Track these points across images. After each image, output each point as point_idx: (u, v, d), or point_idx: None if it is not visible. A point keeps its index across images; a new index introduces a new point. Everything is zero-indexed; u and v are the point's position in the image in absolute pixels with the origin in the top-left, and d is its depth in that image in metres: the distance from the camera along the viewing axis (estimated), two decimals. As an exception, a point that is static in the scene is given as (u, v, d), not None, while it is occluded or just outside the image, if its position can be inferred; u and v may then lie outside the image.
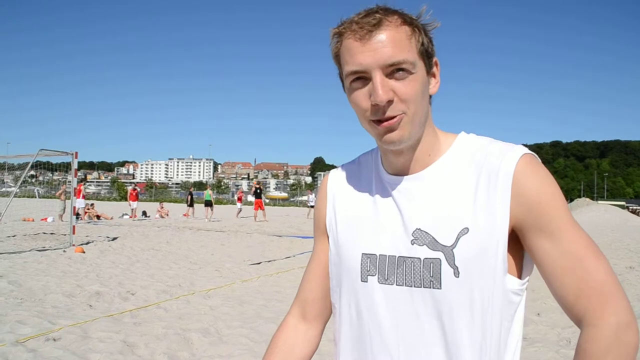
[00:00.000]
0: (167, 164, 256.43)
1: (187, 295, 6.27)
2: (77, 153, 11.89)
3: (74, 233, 11.46)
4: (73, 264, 8.48)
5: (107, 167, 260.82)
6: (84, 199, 20.98)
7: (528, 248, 0.92)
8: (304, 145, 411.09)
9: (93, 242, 11.96)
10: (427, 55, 0.92)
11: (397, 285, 0.93)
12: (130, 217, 23.89)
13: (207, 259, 9.77)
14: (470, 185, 0.92)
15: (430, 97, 0.96)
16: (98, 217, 21.56)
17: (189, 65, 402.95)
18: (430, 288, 0.90)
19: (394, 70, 0.87)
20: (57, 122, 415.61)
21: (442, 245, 0.90)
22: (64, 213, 18.68)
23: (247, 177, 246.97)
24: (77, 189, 20.90)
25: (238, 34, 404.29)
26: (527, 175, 0.89)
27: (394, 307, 0.93)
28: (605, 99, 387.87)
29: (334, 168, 1.16)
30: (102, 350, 4.04)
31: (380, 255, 0.96)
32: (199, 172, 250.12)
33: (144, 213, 25.58)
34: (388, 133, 0.90)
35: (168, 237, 13.87)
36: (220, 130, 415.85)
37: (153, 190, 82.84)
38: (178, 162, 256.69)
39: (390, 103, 0.88)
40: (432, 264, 0.90)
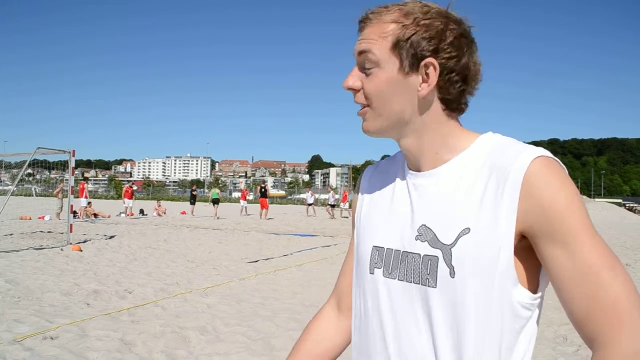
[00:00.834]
0: (164, 163, 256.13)
1: (184, 294, 6.27)
2: (74, 151, 11.87)
3: (72, 232, 11.45)
4: (71, 263, 8.47)
5: (104, 165, 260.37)
6: (87, 198, 20.95)
7: (541, 257, 0.85)
8: (302, 144, 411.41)
9: (91, 240, 11.94)
10: (410, 56, 0.89)
11: (398, 280, 0.93)
12: (127, 215, 23.84)
13: (204, 258, 9.76)
14: (480, 186, 0.88)
15: (444, 99, 0.92)
16: (95, 215, 21.52)
17: (187, 64, 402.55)
18: (427, 286, 0.89)
19: (364, 63, 0.92)
20: (54, 120, 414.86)
21: (442, 244, 0.88)
22: (62, 212, 18.67)
23: (244, 175, 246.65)
24: (81, 188, 20.93)
25: (236, 33, 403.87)
26: (539, 178, 0.83)
27: (395, 302, 0.93)
28: (603, 97, 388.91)
29: (332, 166, 1.16)
30: (99, 349, 4.03)
31: (388, 249, 0.96)
32: (197, 170, 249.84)
33: (142, 212, 25.54)
34: (363, 122, 0.96)
35: (166, 235, 13.86)
36: (218, 129, 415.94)
37: (151, 189, 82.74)
38: (176, 160, 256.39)
39: (355, 92, 0.94)
40: (430, 262, 0.88)
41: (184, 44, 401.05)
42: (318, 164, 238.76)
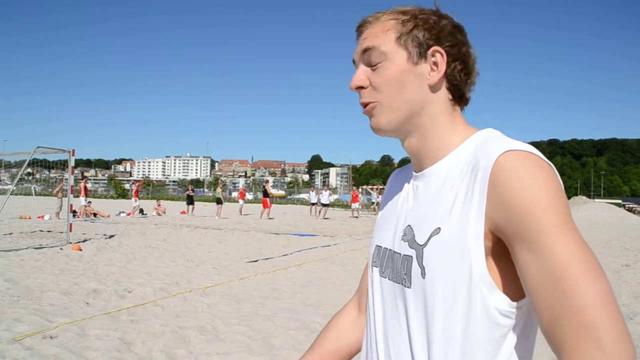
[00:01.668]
0: (164, 162, 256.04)
1: (184, 293, 6.27)
2: (74, 150, 11.87)
3: (71, 231, 11.45)
4: (70, 262, 8.46)
5: (104, 164, 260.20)
6: (87, 197, 20.95)
7: (513, 260, 0.79)
8: (301, 144, 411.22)
9: (90, 239, 11.93)
10: (416, 45, 0.91)
11: (388, 279, 0.96)
12: (128, 214, 23.85)
13: (204, 257, 9.76)
14: (456, 184, 0.86)
15: (451, 88, 0.92)
16: (95, 214, 21.52)
17: (186, 64, 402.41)
18: (403, 285, 0.90)
19: (370, 60, 0.92)
20: (54, 119, 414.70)
21: (417, 244, 0.88)
22: (61, 211, 18.66)
23: (244, 174, 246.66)
24: (81, 187, 20.93)
25: (235, 33, 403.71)
26: (506, 173, 0.77)
27: (385, 300, 0.96)
28: (603, 98, 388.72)
29: (332, 166, 1.17)
30: (99, 348, 4.03)
31: (384, 249, 1.00)
32: (196, 169, 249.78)
33: (141, 211, 25.53)
34: (370, 119, 0.95)
35: (165, 234, 13.86)
36: (218, 128, 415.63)
37: (150, 188, 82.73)
38: (175, 159, 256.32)
39: (363, 90, 0.94)
40: (406, 261, 0.89)
41: (184, 44, 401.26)
42: (317, 164, 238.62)
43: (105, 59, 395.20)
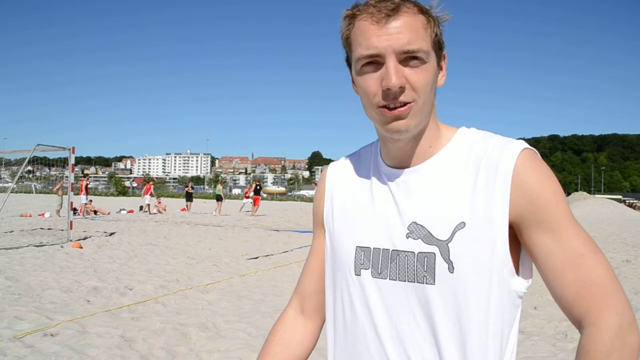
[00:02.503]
0: (164, 159, 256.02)
1: (184, 290, 6.27)
2: (74, 148, 11.85)
3: (72, 228, 11.44)
4: (70, 260, 8.47)
5: (104, 162, 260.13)
6: (87, 195, 20.94)
7: (526, 245, 0.88)
8: (302, 140, 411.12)
9: (90, 237, 11.94)
10: (438, 47, 0.92)
11: (390, 280, 0.91)
12: (129, 211, 23.87)
13: (204, 254, 9.76)
14: (469, 179, 0.89)
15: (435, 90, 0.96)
16: (95, 212, 21.53)
17: (186, 61, 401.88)
18: (424, 283, 0.88)
19: (408, 58, 0.86)
20: (54, 117, 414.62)
21: (437, 240, 0.87)
22: (61, 208, 18.65)
23: (244, 171, 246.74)
24: (82, 185, 20.93)
25: (235, 30, 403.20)
26: (527, 170, 0.86)
27: (388, 302, 0.91)
28: (603, 93, 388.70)
29: (333, 161, 1.15)
30: (100, 345, 4.03)
31: (375, 249, 0.94)
32: (197, 166, 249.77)
33: (141, 208, 25.53)
34: (396, 121, 0.88)
35: (166, 232, 13.86)
36: (218, 125, 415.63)
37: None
38: (175, 157, 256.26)
39: (402, 89, 0.86)
40: (426, 259, 0.87)
41: (183, 41, 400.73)
42: (318, 160, 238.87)
43: (105, 56, 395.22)
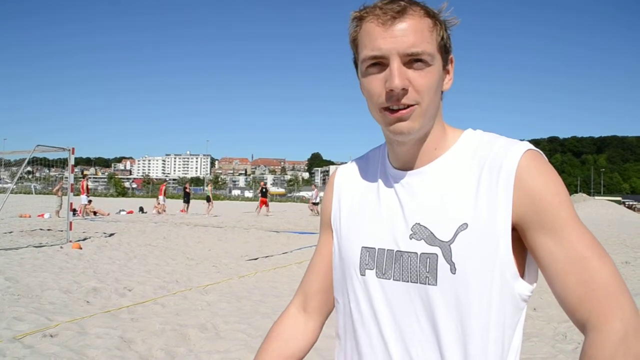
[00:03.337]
0: (164, 160, 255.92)
1: (184, 291, 6.27)
2: (73, 149, 11.84)
3: (71, 229, 11.44)
4: (70, 260, 8.46)
5: (104, 163, 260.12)
6: (87, 195, 20.95)
7: (530, 247, 0.88)
8: (301, 141, 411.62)
9: (90, 238, 11.93)
10: (445, 51, 0.92)
11: (394, 280, 0.92)
12: (129, 212, 23.87)
13: (204, 255, 9.76)
14: (472, 181, 0.90)
15: (442, 93, 0.96)
16: (95, 213, 21.52)
17: (186, 62, 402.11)
18: (426, 284, 0.88)
19: (412, 60, 0.87)
20: (54, 118, 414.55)
21: (439, 241, 0.88)
22: (61, 209, 18.64)
23: (244, 172, 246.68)
24: (82, 185, 20.92)
25: (235, 31, 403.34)
26: (530, 171, 0.86)
27: (391, 302, 0.92)
28: (603, 95, 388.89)
29: (332, 164, 1.15)
30: (99, 346, 4.03)
31: (379, 249, 0.95)
32: (196, 167, 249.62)
33: (141, 209, 25.53)
34: (398, 122, 0.89)
35: (165, 233, 13.84)
36: (218, 126, 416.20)
37: (150, 186, 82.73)
38: (175, 157, 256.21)
39: (405, 92, 0.87)
40: (428, 259, 0.88)
41: (183, 42, 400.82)
42: (318, 162, 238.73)
43: (105, 57, 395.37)
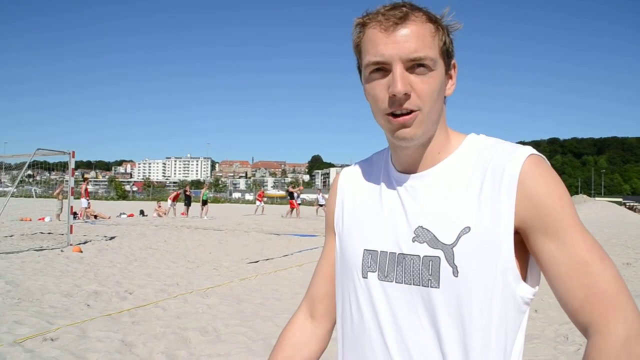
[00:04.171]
0: (164, 163, 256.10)
1: (185, 294, 6.26)
2: (74, 152, 11.85)
3: (72, 232, 11.43)
4: (71, 264, 8.45)
5: (104, 166, 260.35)
6: (88, 199, 20.97)
7: (532, 251, 0.89)
8: (302, 144, 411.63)
9: (91, 241, 11.93)
10: (447, 55, 0.93)
11: (396, 283, 0.92)
12: (129, 215, 23.91)
13: (205, 258, 9.76)
14: (475, 185, 0.91)
15: (445, 97, 0.96)
16: (95, 216, 21.51)
17: (186, 65, 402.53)
18: (428, 287, 0.89)
19: (415, 66, 0.88)
20: (54, 121, 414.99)
21: (442, 244, 0.88)
22: (62, 212, 18.64)
23: (244, 175, 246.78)
24: (83, 188, 20.94)
25: (235, 33, 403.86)
26: (533, 176, 0.87)
27: (393, 305, 0.92)
28: (603, 96, 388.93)
29: (332, 166, 1.15)
30: (100, 350, 4.03)
31: (381, 252, 0.95)
32: (197, 170, 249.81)
33: (142, 212, 25.53)
34: (401, 129, 0.90)
35: (166, 236, 13.84)
36: (218, 129, 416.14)
37: (150, 189, 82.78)
38: (176, 161, 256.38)
39: (408, 97, 0.87)
40: (431, 262, 0.89)
41: (183, 45, 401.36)
42: (318, 164, 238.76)
43: (105, 60, 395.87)
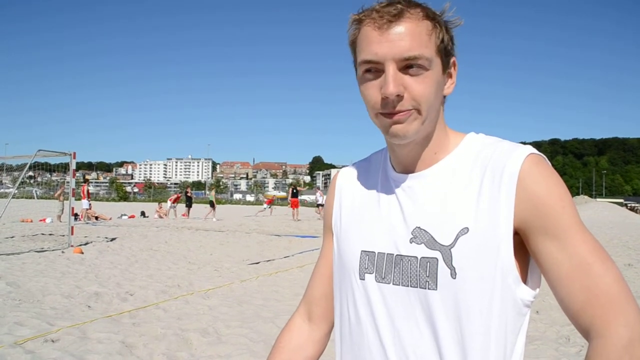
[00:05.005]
0: (165, 164, 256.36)
1: (185, 296, 6.26)
2: (75, 153, 11.86)
3: (73, 234, 11.44)
4: (71, 265, 8.45)
5: (105, 167, 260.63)
6: (89, 200, 20.98)
7: (532, 252, 0.87)
8: (303, 145, 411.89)
9: (91, 242, 11.93)
10: (445, 54, 0.89)
11: (393, 285, 0.91)
12: (130, 216, 23.93)
13: (205, 259, 9.75)
14: (474, 185, 0.89)
15: (444, 97, 0.94)
16: (96, 217, 21.53)
17: (187, 66, 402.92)
18: (426, 289, 0.87)
19: (409, 65, 0.85)
20: (55, 123, 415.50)
21: (440, 245, 0.87)
22: (63, 214, 18.65)
23: (245, 176, 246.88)
24: (84, 190, 20.96)
25: (237, 34, 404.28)
26: (532, 176, 0.85)
27: (391, 307, 0.91)
28: (604, 97, 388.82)
29: (333, 167, 1.14)
30: (100, 351, 4.02)
31: (379, 253, 0.94)
32: (198, 172, 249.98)
33: (143, 213, 25.55)
34: (394, 125, 0.87)
35: (167, 237, 13.84)
36: (219, 130, 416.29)
37: (152, 191, 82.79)
38: (177, 162, 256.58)
39: (400, 98, 0.85)
40: (428, 264, 0.87)
41: (185, 46, 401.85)
42: (319, 165, 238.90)
43: (106, 61, 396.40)
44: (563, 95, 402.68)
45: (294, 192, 27.33)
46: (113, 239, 12.85)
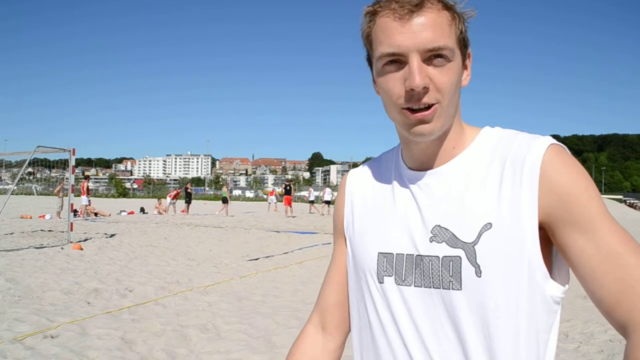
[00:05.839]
0: (165, 160, 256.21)
1: (185, 292, 6.27)
2: (74, 150, 11.87)
3: (72, 230, 11.45)
4: (71, 261, 8.47)
5: (104, 163, 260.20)
6: (88, 196, 21.00)
7: (559, 246, 0.82)
8: (302, 141, 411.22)
9: (91, 239, 11.94)
10: (464, 45, 0.87)
11: (415, 287, 0.87)
12: (129, 213, 23.94)
13: (205, 255, 9.76)
14: (494, 179, 0.85)
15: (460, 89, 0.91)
16: (96, 214, 21.53)
17: (187, 62, 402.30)
18: (449, 289, 0.83)
19: (432, 56, 0.82)
20: (54, 119, 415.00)
21: (462, 242, 0.83)
22: (62, 210, 18.66)
23: (245, 172, 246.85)
24: (83, 186, 20.97)
25: (236, 30, 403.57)
26: (555, 166, 0.81)
27: (413, 310, 0.87)
28: (603, 93, 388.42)
29: (332, 163, 1.12)
30: (100, 347, 4.03)
31: (397, 255, 0.90)
32: (197, 168, 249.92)
33: (142, 210, 25.56)
34: (420, 124, 0.84)
35: (166, 233, 13.86)
36: (218, 126, 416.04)
37: (151, 187, 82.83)
38: (176, 158, 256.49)
39: (426, 90, 0.81)
40: (451, 263, 0.83)
41: (184, 41, 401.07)
42: (318, 161, 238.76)
43: (105, 57, 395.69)
44: (562, 92, 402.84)
45: (287, 189, 27.31)
46: (112, 235, 12.86)
